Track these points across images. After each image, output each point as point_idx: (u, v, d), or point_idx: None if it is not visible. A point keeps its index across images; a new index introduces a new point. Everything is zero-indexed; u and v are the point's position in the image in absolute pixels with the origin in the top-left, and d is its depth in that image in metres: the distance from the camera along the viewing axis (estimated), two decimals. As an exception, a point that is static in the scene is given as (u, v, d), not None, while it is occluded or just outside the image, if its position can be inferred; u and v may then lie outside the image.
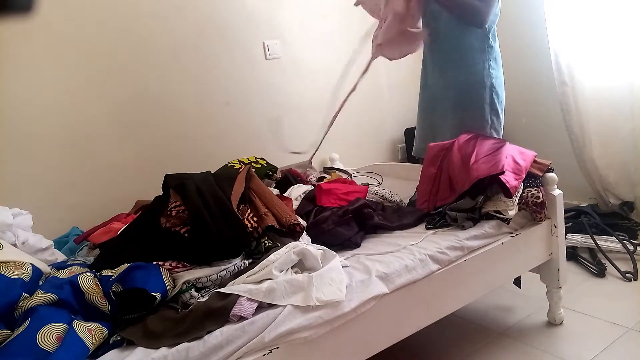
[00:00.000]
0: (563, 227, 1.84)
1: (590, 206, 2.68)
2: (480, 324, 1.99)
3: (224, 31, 2.48)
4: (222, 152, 2.46)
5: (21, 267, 1.23)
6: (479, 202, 1.65)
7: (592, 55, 2.54)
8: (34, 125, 2.00)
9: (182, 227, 1.39)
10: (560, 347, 1.78)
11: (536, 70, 2.84)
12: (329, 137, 2.41)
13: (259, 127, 2.63)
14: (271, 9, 2.63)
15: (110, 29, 2.16)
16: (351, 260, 1.47)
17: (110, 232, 1.67)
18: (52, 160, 2.05)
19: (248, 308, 1.20)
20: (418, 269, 1.45)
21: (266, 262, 1.32)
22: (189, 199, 1.42)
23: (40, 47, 1.99)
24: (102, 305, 1.20)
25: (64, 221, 1.98)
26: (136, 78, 2.24)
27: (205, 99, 2.45)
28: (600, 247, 2.32)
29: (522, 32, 2.85)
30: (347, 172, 2.50)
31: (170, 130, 2.35)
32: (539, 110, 2.91)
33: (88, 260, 1.53)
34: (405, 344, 1.48)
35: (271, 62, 2.66)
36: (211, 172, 1.66)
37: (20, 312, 1.12)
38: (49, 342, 1.03)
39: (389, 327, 1.42)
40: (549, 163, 1.79)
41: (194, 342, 1.13)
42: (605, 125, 2.59)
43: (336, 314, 1.27)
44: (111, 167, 2.19)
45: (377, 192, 1.90)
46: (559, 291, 1.88)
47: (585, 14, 2.51)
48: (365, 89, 2.92)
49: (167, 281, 1.27)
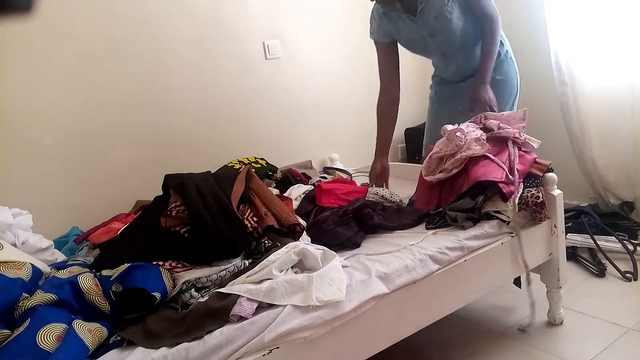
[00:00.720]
0: (563, 227, 1.84)
1: (590, 206, 2.68)
2: (480, 324, 1.99)
3: (224, 31, 2.48)
4: (222, 152, 2.46)
5: (21, 267, 1.23)
6: (479, 202, 1.65)
7: (592, 55, 2.54)
8: (34, 125, 2.00)
9: (182, 227, 1.39)
10: (560, 347, 1.78)
11: (536, 70, 2.84)
12: (329, 137, 2.42)
13: (259, 127, 2.64)
14: (271, 9, 2.63)
15: (111, 29, 2.16)
16: (351, 260, 1.47)
17: (110, 232, 1.67)
18: (52, 160, 2.05)
19: (248, 308, 1.20)
20: (418, 269, 1.45)
21: (266, 262, 1.32)
22: (189, 199, 1.42)
23: (40, 47, 1.99)
24: (102, 305, 1.20)
25: (64, 221, 1.98)
26: (136, 78, 2.24)
27: (205, 98, 2.45)
28: (600, 247, 2.32)
29: (522, 32, 2.85)
30: (347, 172, 2.50)
31: (170, 130, 2.35)
32: (539, 110, 2.91)
33: (88, 260, 1.53)
34: (405, 344, 1.48)
35: (271, 62, 2.66)
36: (211, 172, 1.66)
37: (20, 312, 1.12)
38: (49, 342, 1.03)
39: (389, 327, 1.42)
40: (549, 163, 1.79)
41: (194, 342, 1.13)
42: (605, 125, 2.58)
43: (336, 314, 1.27)
44: (111, 167, 2.19)
45: (377, 192, 1.90)
46: (559, 291, 1.88)
47: (585, 14, 2.51)
48: (365, 89, 2.94)
49: (167, 281, 1.27)
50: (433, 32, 1.94)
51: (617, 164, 2.60)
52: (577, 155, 2.69)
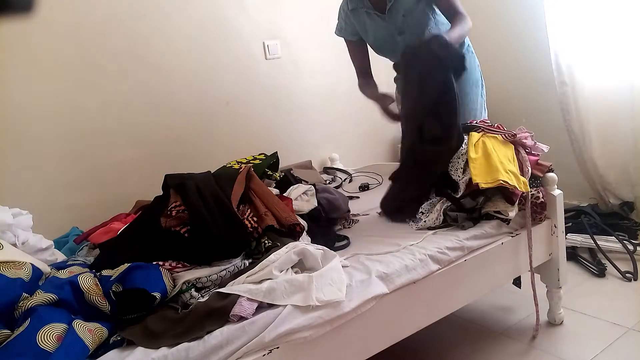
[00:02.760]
0: (563, 227, 1.84)
1: (590, 206, 2.68)
2: (480, 324, 1.99)
3: (224, 31, 2.48)
4: (222, 152, 2.46)
5: (21, 267, 1.23)
6: (479, 203, 1.65)
7: (592, 55, 2.54)
8: (34, 125, 2.00)
9: (182, 227, 1.39)
10: (560, 347, 1.78)
11: (536, 70, 2.84)
12: (329, 137, 2.42)
13: (259, 127, 2.64)
14: (271, 9, 2.63)
15: (111, 29, 2.16)
16: (351, 260, 1.47)
17: (110, 232, 1.67)
18: (52, 160, 2.05)
19: (248, 308, 1.20)
20: (418, 269, 1.45)
21: (266, 262, 1.32)
22: (189, 198, 1.42)
23: (40, 47, 1.99)
24: (102, 305, 1.19)
25: (64, 221, 1.98)
26: (136, 78, 2.24)
27: (205, 98, 2.45)
28: (600, 247, 2.32)
29: (522, 32, 2.85)
30: (347, 172, 2.50)
31: (170, 130, 2.35)
32: (539, 110, 2.91)
33: (88, 260, 1.52)
34: (405, 344, 1.48)
35: (271, 62, 2.66)
36: (211, 173, 1.66)
37: (20, 312, 1.12)
38: (49, 342, 1.03)
39: (389, 327, 1.42)
40: (550, 165, 1.79)
41: (194, 342, 1.13)
42: (605, 125, 2.58)
43: (336, 314, 1.27)
44: (111, 167, 2.19)
45: None
46: (559, 291, 1.88)
47: (585, 14, 2.51)
48: (365, 89, 2.93)
49: (167, 281, 1.27)
50: (402, 30, 1.93)
51: (617, 164, 2.60)
52: (577, 155, 2.69)
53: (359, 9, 1.97)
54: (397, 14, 1.90)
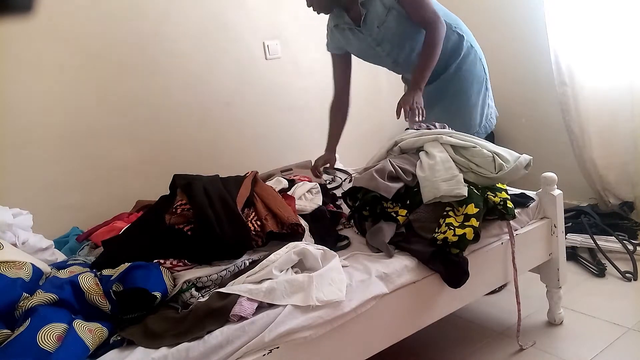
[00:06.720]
0: (563, 227, 1.84)
1: (590, 206, 2.68)
2: (480, 324, 1.99)
3: (224, 31, 2.48)
4: (222, 152, 2.46)
5: (21, 267, 1.23)
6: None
7: (592, 55, 2.54)
8: (34, 125, 2.00)
9: (185, 225, 1.40)
10: (560, 347, 1.78)
11: (536, 70, 2.84)
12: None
13: (259, 127, 2.64)
14: (271, 9, 2.63)
15: (111, 29, 2.16)
16: (351, 260, 1.47)
17: (113, 230, 1.67)
18: (52, 160, 2.05)
19: (248, 308, 1.20)
20: (418, 269, 1.46)
21: (266, 262, 1.32)
22: (195, 198, 1.42)
23: (41, 47, 1.99)
24: (102, 305, 1.20)
25: (64, 221, 1.98)
26: (136, 78, 2.24)
27: (206, 99, 2.45)
28: (600, 247, 2.32)
29: (522, 32, 2.85)
30: (347, 172, 2.50)
31: (170, 130, 2.35)
32: (539, 110, 2.91)
33: (89, 260, 1.53)
34: (405, 344, 1.49)
35: (271, 62, 2.66)
36: (219, 176, 1.66)
37: (21, 312, 1.12)
38: (49, 342, 1.03)
39: (389, 327, 1.42)
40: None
41: (194, 342, 1.13)
42: (605, 125, 2.58)
43: (336, 314, 1.27)
44: (111, 167, 2.19)
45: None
46: (559, 291, 1.88)
47: (585, 15, 2.51)
48: (365, 89, 2.94)
49: (168, 280, 1.28)
50: (379, 40, 1.96)
51: (617, 164, 2.60)
52: (577, 155, 2.69)
53: (340, 25, 2.04)
54: (372, 25, 1.93)
